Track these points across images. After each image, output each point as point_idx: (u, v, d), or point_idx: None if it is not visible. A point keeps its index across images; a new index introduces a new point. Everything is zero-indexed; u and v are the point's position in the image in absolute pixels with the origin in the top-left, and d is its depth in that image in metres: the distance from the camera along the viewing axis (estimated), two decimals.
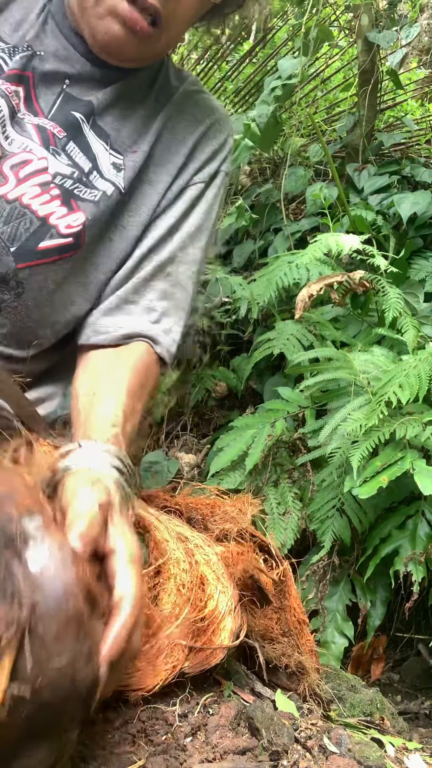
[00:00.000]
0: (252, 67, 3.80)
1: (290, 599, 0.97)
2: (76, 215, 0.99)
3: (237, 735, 0.76)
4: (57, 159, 0.99)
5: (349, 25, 3.75)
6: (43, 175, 0.98)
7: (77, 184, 1.00)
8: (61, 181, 0.99)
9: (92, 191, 1.01)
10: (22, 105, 0.99)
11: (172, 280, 1.08)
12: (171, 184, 1.08)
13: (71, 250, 1.00)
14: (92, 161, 1.02)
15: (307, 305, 2.11)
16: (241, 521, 0.98)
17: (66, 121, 1.00)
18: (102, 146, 1.03)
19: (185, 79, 1.13)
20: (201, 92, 1.14)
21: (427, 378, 1.67)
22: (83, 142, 1.02)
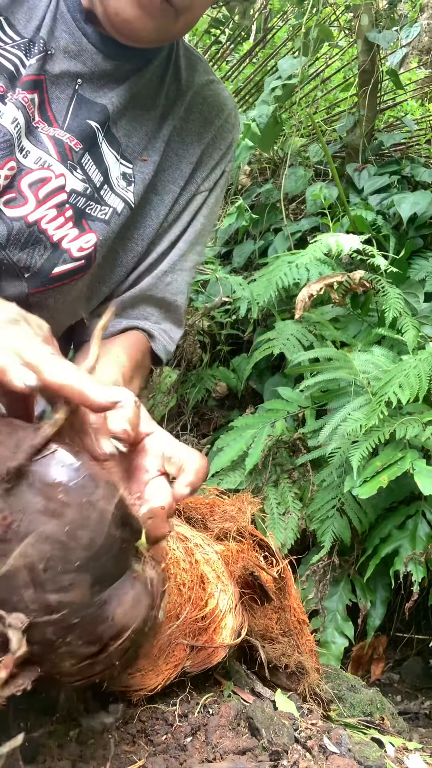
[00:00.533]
0: (252, 67, 3.80)
1: (290, 599, 0.97)
2: (87, 236, 0.98)
3: (237, 735, 0.76)
4: (73, 175, 0.96)
5: (349, 25, 3.75)
6: (61, 194, 0.96)
7: (89, 202, 0.98)
8: (75, 200, 0.97)
9: (103, 208, 0.99)
10: (36, 112, 0.95)
11: (171, 289, 1.08)
12: (179, 195, 1.06)
13: (82, 271, 0.99)
14: (104, 174, 0.99)
15: (307, 305, 2.11)
16: (240, 520, 0.98)
17: (82, 131, 0.97)
18: (113, 156, 1.00)
19: (195, 66, 1.07)
20: (211, 83, 1.08)
21: (427, 378, 1.67)
22: (97, 153, 0.99)
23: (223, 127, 1.09)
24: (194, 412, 2.66)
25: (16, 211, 0.94)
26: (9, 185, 0.93)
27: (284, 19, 3.74)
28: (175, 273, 1.08)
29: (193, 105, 1.06)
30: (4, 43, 0.93)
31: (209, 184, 1.09)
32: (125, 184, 1.01)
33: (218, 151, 1.09)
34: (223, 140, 1.09)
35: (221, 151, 1.09)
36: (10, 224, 0.94)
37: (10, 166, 0.92)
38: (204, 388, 2.59)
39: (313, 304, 2.20)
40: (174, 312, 1.10)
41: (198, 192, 1.08)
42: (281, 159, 3.23)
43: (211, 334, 2.65)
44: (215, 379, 2.59)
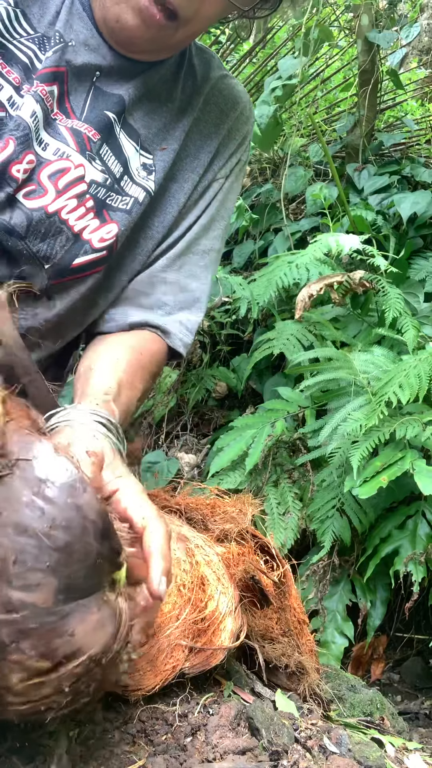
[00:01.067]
0: (252, 67, 3.80)
1: (290, 599, 0.98)
2: (109, 227, 0.98)
3: (237, 735, 0.76)
4: (92, 165, 0.97)
5: (349, 25, 3.75)
6: (80, 185, 0.96)
7: (110, 193, 0.98)
8: (96, 190, 0.97)
9: (124, 198, 1.00)
10: (55, 104, 0.95)
11: (185, 271, 1.07)
12: (197, 183, 1.07)
13: (105, 262, 1.00)
14: (123, 165, 1.00)
15: (307, 305, 2.11)
16: (241, 521, 0.98)
17: (99, 122, 0.97)
18: (133, 147, 1.00)
19: (209, 63, 1.09)
20: (225, 77, 1.11)
21: (427, 378, 1.67)
22: (115, 144, 0.99)
23: (239, 119, 1.11)
24: (194, 412, 2.66)
25: (35, 202, 0.93)
26: (28, 178, 0.93)
27: (284, 19, 3.74)
28: (187, 256, 1.07)
29: (210, 98, 1.08)
30: (19, 35, 0.93)
31: (225, 171, 1.11)
32: (146, 174, 1.02)
33: (234, 141, 1.11)
34: (238, 131, 1.11)
35: (237, 142, 1.11)
36: (29, 214, 0.93)
37: (29, 159, 0.92)
38: (204, 388, 2.59)
39: (313, 304, 2.20)
40: (189, 297, 1.09)
41: (215, 179, 1.10)
42: (281, 159, 3.23)
43: (211, 334, 2.65)
44: (215, 379, 2.59)
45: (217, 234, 1.11)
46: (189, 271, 1.08)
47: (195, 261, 1.08)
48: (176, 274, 1.07)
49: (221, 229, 1.12)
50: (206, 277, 1.10)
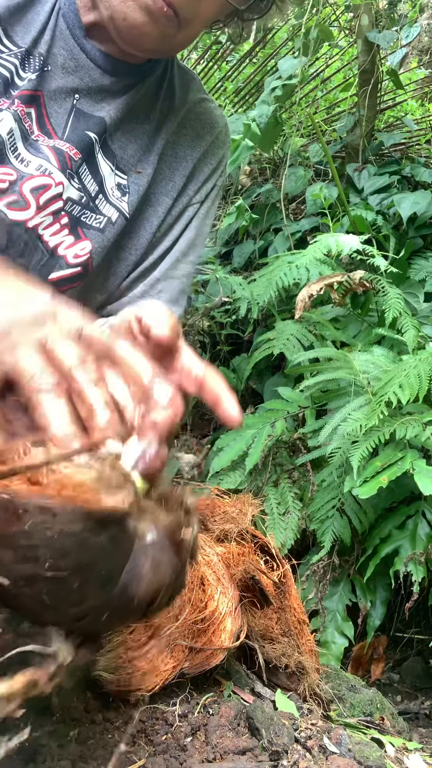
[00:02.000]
0: (252, 67, 3.80)
1: (290, 599, 0.98)
2: (83, 244, 1.00)
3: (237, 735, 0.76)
4: (71, 183, 0.99)
5: (349, 25, 3.75)
6: (58, 202, 0.97)
7: (84, 210, 1.00)
8: (71, 207, 0.99)
9: (98, 217, 1.01)
10: (35, 126, 0.97)
11: (164, 296, 1.08)
12: (171, 207, 1.08)
13: (80, 279, 1.01)
14: (99, 184, 1.01)
15: (307, 305, 2.11)
16: (241, 522, 0.98)
17: (81, 141, 0.99)
18: (108, 167, 1.02)
19: (189, 85, 1.11)
20: (203, 101, 1.12)
21: (427, 378, 1.67)
22: (93, 164, 1.01)
23: (214, 143, 1.12)
24: (194, 412, 2.66)
25: (17, 214, 0.95)
26: (9, 189, 0.94)
27: (284, 19, 3.74)
28: (166, 281, 1.08)
29: (186, 121, 1.09)
30: (0, 52, 0.96)
31: (200, 196, 1.12)
32: (120, 194, 1.03)
33: (209, 166, 1.12)
34: (214, 155, 1.12)
35: (212, 166, 1.12)
36: (11, 228, 0.95)
37: (5, 172, 0.94)
38: None
39: (313, 304, 2.20)
40: None
41: (190, 204, 1.11)
42: (281, 159, 3.23)
43: (211, 334, 2.65)
44: None
45: (194, 259, 1.13)
46: (168, 296, 1.09)
47: (174, 286, 1.10)
48: (155, 300, 1.08)
49: (197, 255, 1.14)
50: (183, 301, 1.12)
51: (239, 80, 3.84)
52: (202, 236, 1.14)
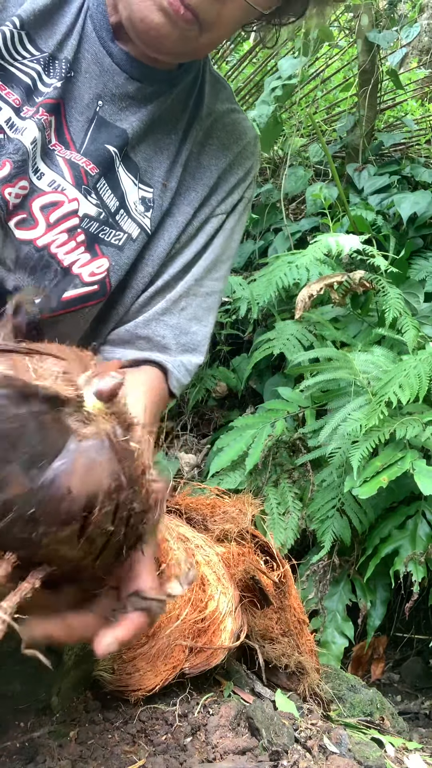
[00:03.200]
0: (252, 67, 3.80)
1: (290, 599, 0.98)
2: (99, 261, 0.96)
3: (237, 735, 0.76)
4: (87, 199, 0.94)
5: (349, 25, 3.75)
6: (73, 219, 0.94)
7: (103, 227, 0.96)
8: (88, 225, 0.95)
9: (117, 233, 0.97)
10: (53, 135, 0.93)
11: (187, 314, 1.04)
12: (192, 217, 1.04)
13: (97, 297, 0.97)
14: (120, 199, 0.97)
15: (307, 305, 2.11)
16: (241, 522, 0.98)
17: (99, 156, 0.94)
18: (131, 181, 0.97)
19: (218, 94, 1.06)
20: (232, 112, 1.07)
21: (427, 378, 1.67)
22: (113, 178, 0.96)
23: (242, 154, 1.07)
24: (194, 412, 2.66)
25: (25, 234, 0.92)
26: (20, 205, 0.91)
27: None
28: (189, 298, 1.04)
29: (212, 131, 1.04)
30: (22, 57, 0.92)
31: (226, 207, 1.06)
32: (143, 209, 0.99)
33: (235, 176, 1.06)
34: (241, 166, 1.07)
35: (239, 176, 1.07)
36: (18, 247, 0.92)
37: (22, 185, 0.91)
38: (204, 388, 2.59)
39: (313, 304, 2.20)
40: (189, 339, 1.05)
41: (213, 215, 1.05)
42: (281, 159, 3.23)
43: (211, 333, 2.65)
44: (215, 379, 2.59)
45: (221, 275, 1.08)
46: (192, 313, 1.04)
47: (198, 303, 1.05)
48: (177, 317, 1.03)
49: (225, 270, 1.09)
50: (209, 320, 1.07)
51: (239, 80, 3.84)
52: (230, 251, 1.09)
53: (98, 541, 0.51)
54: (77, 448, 0.50)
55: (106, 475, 0.50)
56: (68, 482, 0.49)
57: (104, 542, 0.52)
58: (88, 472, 0.49)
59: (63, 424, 0.50)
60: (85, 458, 0.50)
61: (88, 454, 0.50)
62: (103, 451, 0.51)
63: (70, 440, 0.50)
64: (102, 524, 0.50)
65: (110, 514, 0.50)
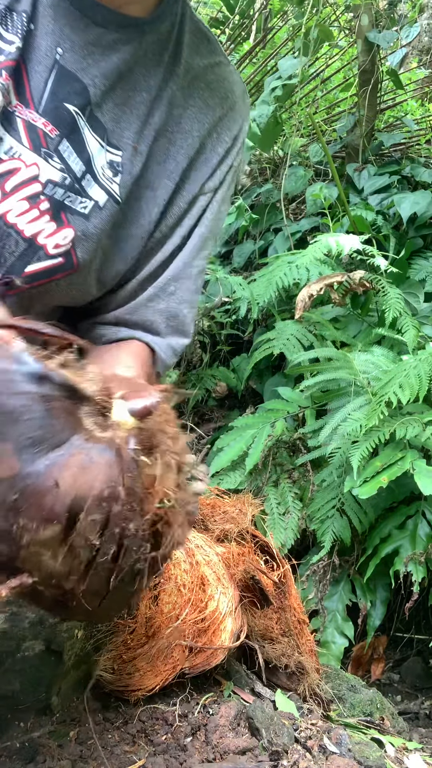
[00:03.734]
0: (252, 67, 3.80)
1: (290, 599, 0.98)
2: (65, 232, 0.88)
3: (237, 735, 0.76)
4: (49, 163, 0.86)
5: (349, 25, 3.75)
6: (33, 185, 0.86)
7: (68, 193, 0.88)
8: (52, 191, 0.87)
9: (83, 201, 0.89)
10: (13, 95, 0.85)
11: (177, 298, 0.98)
12: (174, 194, 0.94)
13: (63, 270, 0.90)
14: (86, 163, 0.88)
15: (307, 305, 2.12)
16: (241, 522, 0.98)
17: (58, 116, 0.86)
18: (98, 143, 0.88)
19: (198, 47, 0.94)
20: (216, 66, 0.95)
21: (427, 378, 1.67)
22: (77, 140, 0.87)
23: (228, 116, 0.95)
24: (194, 412, 2.66)
25: None
26: None
27: (284, 19, 3.74)
28: (178, 282, 0.98)
29: (193, 90, 0.93)
30: None
31: (214, 183, 0.96)
32: (111, 174, 0.89)
33: (222, 145, 0.96)
34: (227, 131, 0.96)
35: (226, 145, 0.96)
36: None
37: None
38: (204, 388, 2.59)
39: (313, 304, 2.20)
40: (179, 322, 1.01)
41: (201, 193, 0.96)
42: (281, 159, 3.23)
43: (211, 334, 2.65)
44: (215, 379, 2.60)
45: (207, 253, 1.01)
46: (181, 297, 0.99)
47: (187, 286, 0.99)
48: (166, 302, 0.98)
49: (211, 247, 1.02)
50: (196, 300, 1.02)
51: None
52: (218, 227, 1.01)
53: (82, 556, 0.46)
54: (80, 445, 0.47)
55: (100, 480, 0.46)
56: (58, 475, 0.45)
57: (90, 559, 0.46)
58: (82, 470, 0.46)
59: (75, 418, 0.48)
60: (85, 456, 0.47)
61: (89, 453, 0.47)
62: (106, 455, 0.47)
63: (76, 436, 0.47)
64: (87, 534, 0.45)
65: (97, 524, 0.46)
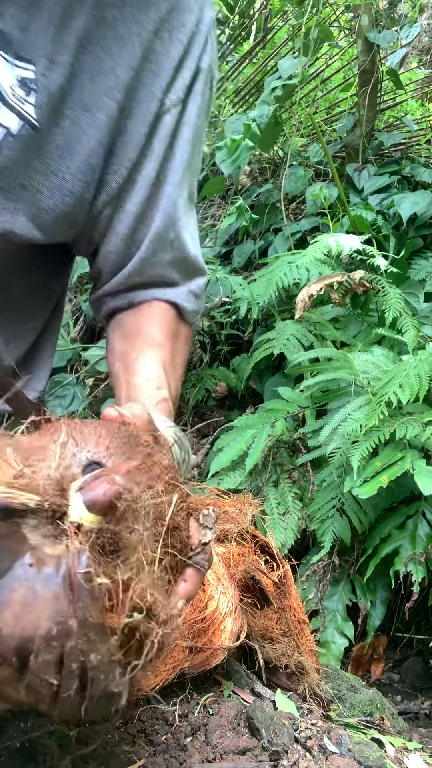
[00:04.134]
0: (252, 67, 3.80)
1: (290, 599, 0.98)
2: None
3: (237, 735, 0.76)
4: None
5: (349, 25, 3.75)
6: None
7: None
8: None
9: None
10: None
11: (178, 243, 0.86)
12: (121, 113, 0.77)
13: None
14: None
15: (307, 305, 2.12)
16: (241, 522, 0.98)
17: None
18: (1, 58, 0.71)
19: None
20: None
21: (427, 378, 1.67)
22: None
23: (177, 7, 0.77)
24: (194, 412, 2.66)
25: None
26: None
27: (284, 19, 3.74)
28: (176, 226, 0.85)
29: None
30: None
31: (176, 95, 0.79)
32: (23, 94, 0.72)
33: (176, 46, 0.78)
34: (179, 28, 0.77)
35: (181, 45, 0.78)
36: None
37: None
38: (204, 388, 2.59)
39: (313, 304, 2.20)
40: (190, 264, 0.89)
41: (163, 111, 0.78)
42: (281, 159, 3.23)
43: (211, 334, 2.65)
44: (215, 379, 2.60)
45: (194, 181, 0.87)
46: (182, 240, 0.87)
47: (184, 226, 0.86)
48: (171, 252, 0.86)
49: (198, 171, 0.87)
50: (196, 231, 0.90)
51: (239, 80, 3.84)
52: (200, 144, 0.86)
53: (44, 692, 0.42)
54: (23, 575, 0.41)
55: (46, 617, 0.41)
56: None
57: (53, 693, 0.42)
58: (25, 608, 0.41)
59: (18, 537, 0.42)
60: (27, 590, 0.41)
61: (32, 586, 0.41)
62: (52, 585, 0.42)
63: (18, 562, 0.42)
64: (41, 674, 0.41)
65: (51, 664, 0.41)
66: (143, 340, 0.84)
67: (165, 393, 0.76)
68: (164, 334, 0.85)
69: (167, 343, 0.84)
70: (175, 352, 0.85)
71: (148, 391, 0.76)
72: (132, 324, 0.87)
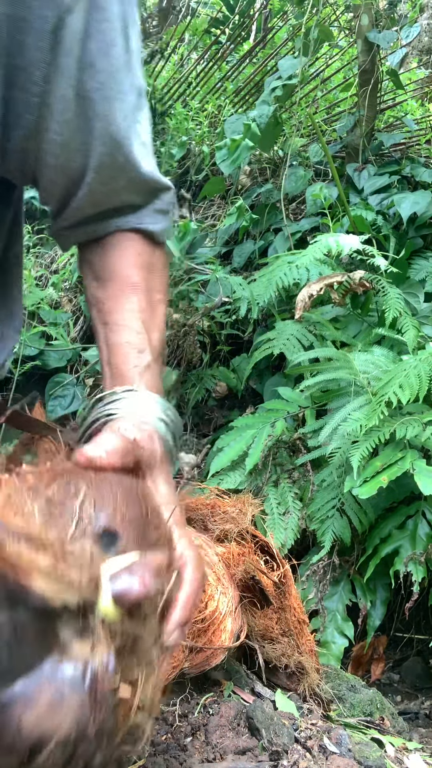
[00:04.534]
0: (252, 67, 3.80)
1: (290, 599, 0.98)
2: None
3: (237, 735, 0.76)
4: None
5: (349, 25, 3.75)
6: None
7: None
8: None
9: None
10: None
11: (130, 164, 0.74)
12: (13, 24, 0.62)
13: None
14: None
15: (307, 305, 2.12)
16: (241, 522, 0.98)
17: None
18: None
19: None
20: None
21: (427, 378, 1.67)
22: None
23: None
24: (194, 412, 2.66)
25: None
26: None
27: (284, 19, 3.74)
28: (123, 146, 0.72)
29: None
30: None
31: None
32: None
33: None
34: None
35: None
36: None
37: None
38: (204, 388, 2.59)
39: (313, 304, 2.20)
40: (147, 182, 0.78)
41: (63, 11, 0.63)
42: (281, 159, 3.23)
43: (211, 334, 2.65)
44: (215, 379, 2.60)
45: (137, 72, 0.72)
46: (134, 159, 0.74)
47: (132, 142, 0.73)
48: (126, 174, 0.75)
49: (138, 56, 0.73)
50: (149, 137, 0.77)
51: (239, 80, 3.84)
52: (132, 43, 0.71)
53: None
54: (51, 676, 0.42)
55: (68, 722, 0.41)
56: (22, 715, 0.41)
57: None
58: (50, 710, 0.41)
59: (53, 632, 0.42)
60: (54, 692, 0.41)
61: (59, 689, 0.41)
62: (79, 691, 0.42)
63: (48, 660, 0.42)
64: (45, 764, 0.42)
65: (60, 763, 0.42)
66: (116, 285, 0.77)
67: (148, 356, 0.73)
68: (137, 272, 0.78)
69: (142, 282, 0.78)
70: (152, 289, 0.79)
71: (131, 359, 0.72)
72: (101, 265, 0.80)
